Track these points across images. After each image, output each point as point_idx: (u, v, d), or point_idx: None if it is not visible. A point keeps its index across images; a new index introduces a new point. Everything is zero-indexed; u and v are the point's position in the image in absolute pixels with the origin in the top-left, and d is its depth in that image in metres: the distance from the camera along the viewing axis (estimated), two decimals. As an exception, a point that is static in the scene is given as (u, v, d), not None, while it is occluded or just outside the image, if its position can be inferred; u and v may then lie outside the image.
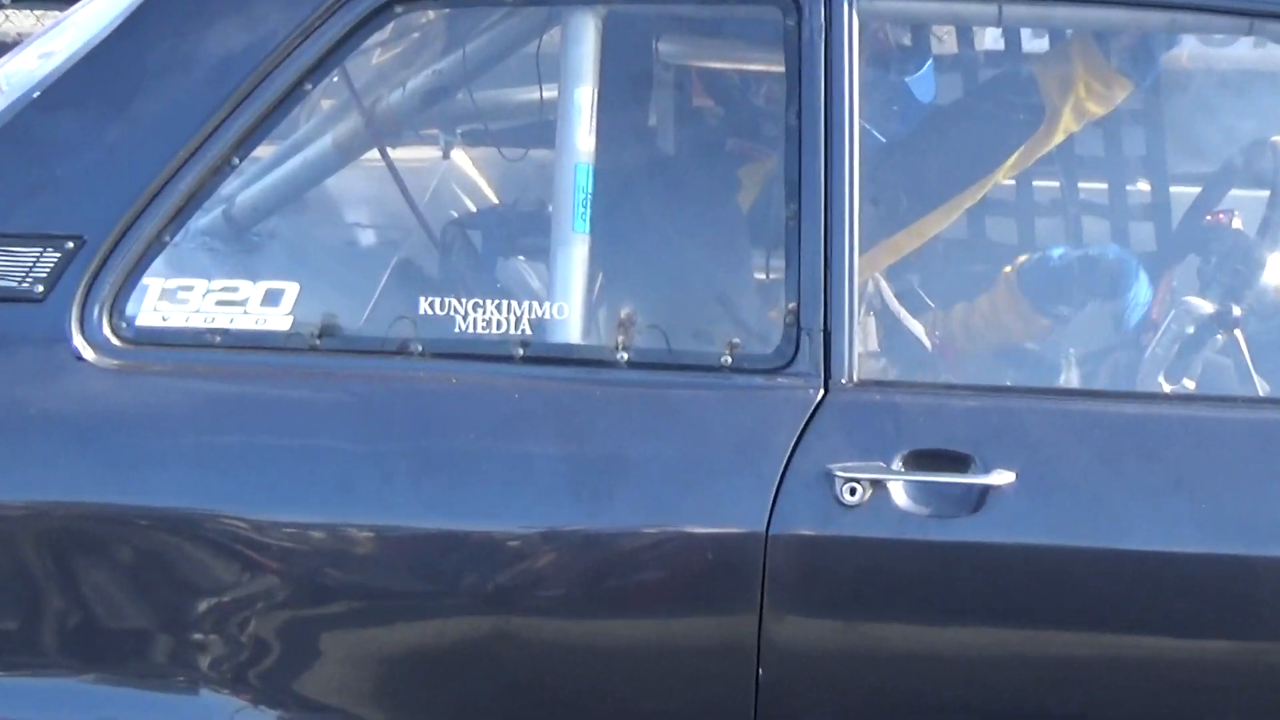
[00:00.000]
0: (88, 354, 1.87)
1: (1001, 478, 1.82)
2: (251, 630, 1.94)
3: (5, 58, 2.53)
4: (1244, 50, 2.46)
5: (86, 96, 2.06)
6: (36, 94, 2.06)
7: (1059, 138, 2.50)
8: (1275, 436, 2.02)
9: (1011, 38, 2.64)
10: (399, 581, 1.94)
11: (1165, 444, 2.01)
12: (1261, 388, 2.19)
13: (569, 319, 2.00)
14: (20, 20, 5.43)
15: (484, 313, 1.99)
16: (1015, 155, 2.44)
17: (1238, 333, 2.24)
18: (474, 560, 1.92)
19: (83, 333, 1.88)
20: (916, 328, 2.27)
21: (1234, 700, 1.99)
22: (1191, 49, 2.59)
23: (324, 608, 1.93)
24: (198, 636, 1.93)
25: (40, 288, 1.90)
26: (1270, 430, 2.04)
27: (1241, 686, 1.98)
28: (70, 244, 1.90)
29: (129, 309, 1.92)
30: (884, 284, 2.26)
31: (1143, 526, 1.92)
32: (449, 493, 1.94)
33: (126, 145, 1.99)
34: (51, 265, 1.92)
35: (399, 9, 2.02)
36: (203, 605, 1.90)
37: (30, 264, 1.93)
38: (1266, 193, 2.44)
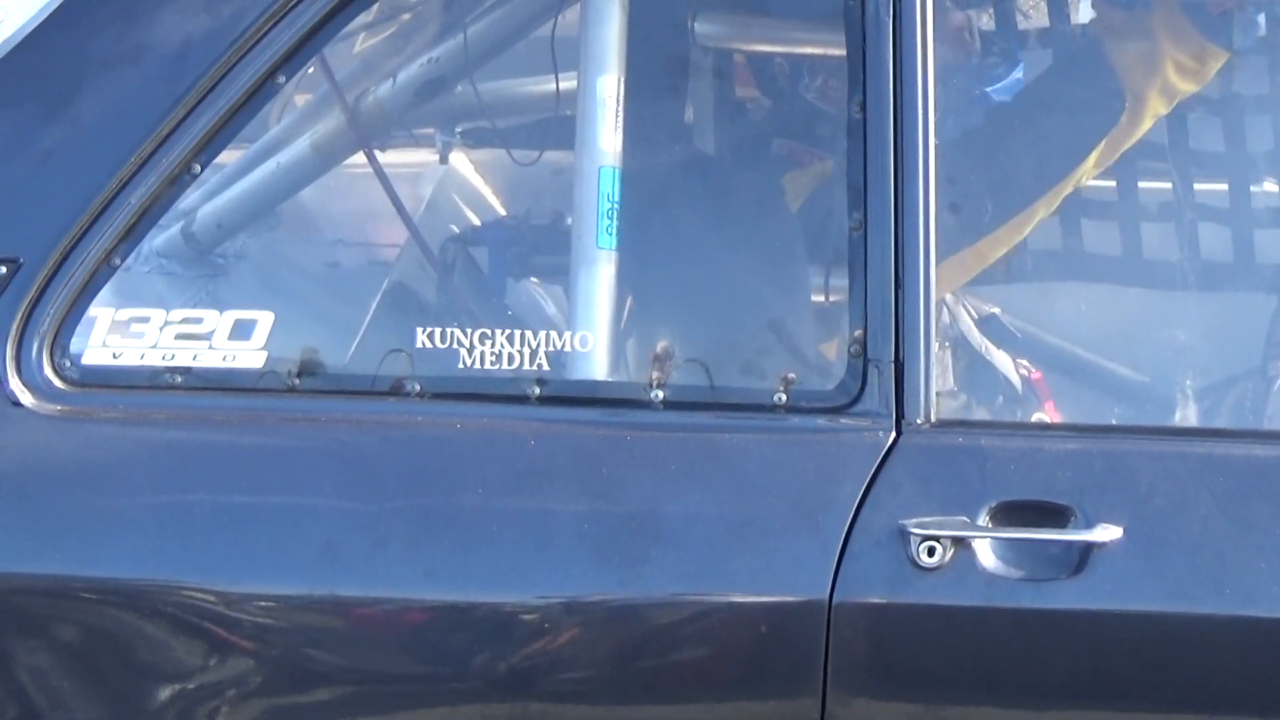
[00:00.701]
0: (25, 399, 1.70)
1: (1107, 533, 1.63)
2: (224, 713, 1.76)
3: None
4: None
5: (18, 95, 1.87)
6: None
7: (1147, 124, 2.27)
8: None
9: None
10: (395, 664, 1.76)
11: None
12: None
13: (593, 352, 1.81)
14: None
15: (493, 345, 1.79)
16: (1097, 151, 2.20)
17: None
18: (484, 638, 1.72)
19: (19, 374, 1.71)
20: (1004, 359, 2.09)
21: None
22: None
23: (307, 695, 1.74)
24: (131, 697, 1.78)
25: None
26: None
27: None
28: (3, 269, 1.74)
29: (74, 345, 1.74)
30: (965, 307, 2.10)
31: (1275, 589, 1.69)
32: (454, 559, 1.73)
33: (67, 152, 1.82)
34: None
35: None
36: (163, 693, 1.72)
37: None
38: None
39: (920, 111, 1.72)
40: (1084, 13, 2.27)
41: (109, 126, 1.81)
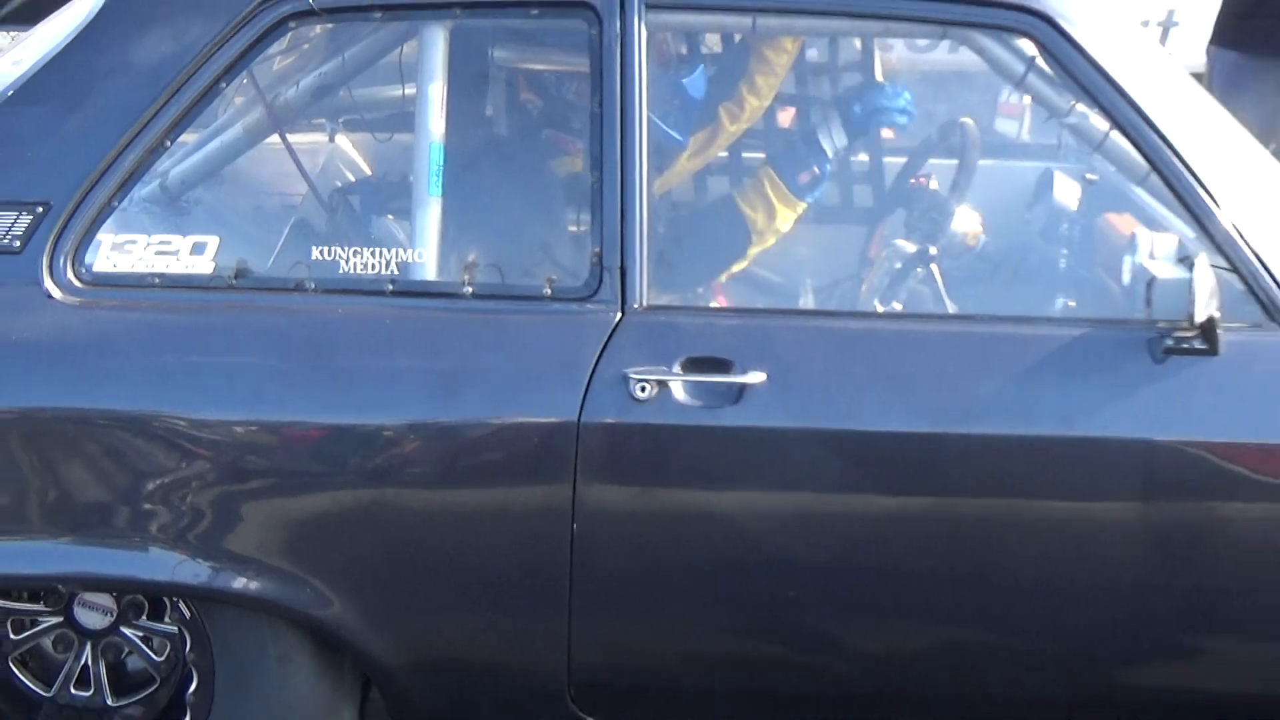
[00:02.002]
0: (55, 293, 2.25)
1: (755, 378, 2.24)
2: (188, 503, 2.29)
3: None
4: (941, 55, 2.86)
5: (50, 94, 2.42)
6: (10, 93, 2.43)
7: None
8: (960, 343, 2.46)
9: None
10: (299, 464, 2.35)
11: (880, 350, 2.44)
12: (951, 307, 2.64)
13: (427, 262, 2.40)
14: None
15: (361, 258, 2.38)
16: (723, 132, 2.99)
17: (934, 267, 2.68)
18: (356, 447, 2.31)
19: (51, 277, 2.26)
20: (694, 270, 2.74)
21: (927, 545, 2.41)
22: (900, 52, 3.01)
23: (242, 485, 2.30)
24: (147, 508, 2.28)
25: (18, 243, 2.26)
26: (957, 339, 2.48)
27: (930, 528, 2.40)
28: (40, 209, 2.27)
29: (87, 258, 2.29)
30: (669, 240, 2.72)
31: (863, 413, 2.34)
32: (336, 396, 2.33)
33: (82, 131, 2.35)
34: (26, 225, 2.28)
35: (292, 24, 2.39)
36: (150, 485, 2.28)
37: (9, 225, 2.29)
38: (955, 161, 2.90)
39: (635, 105, 2.32)
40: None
41: (110, 114, 2.34)
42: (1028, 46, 2.50)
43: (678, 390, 2.27)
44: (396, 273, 2.41)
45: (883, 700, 2.64)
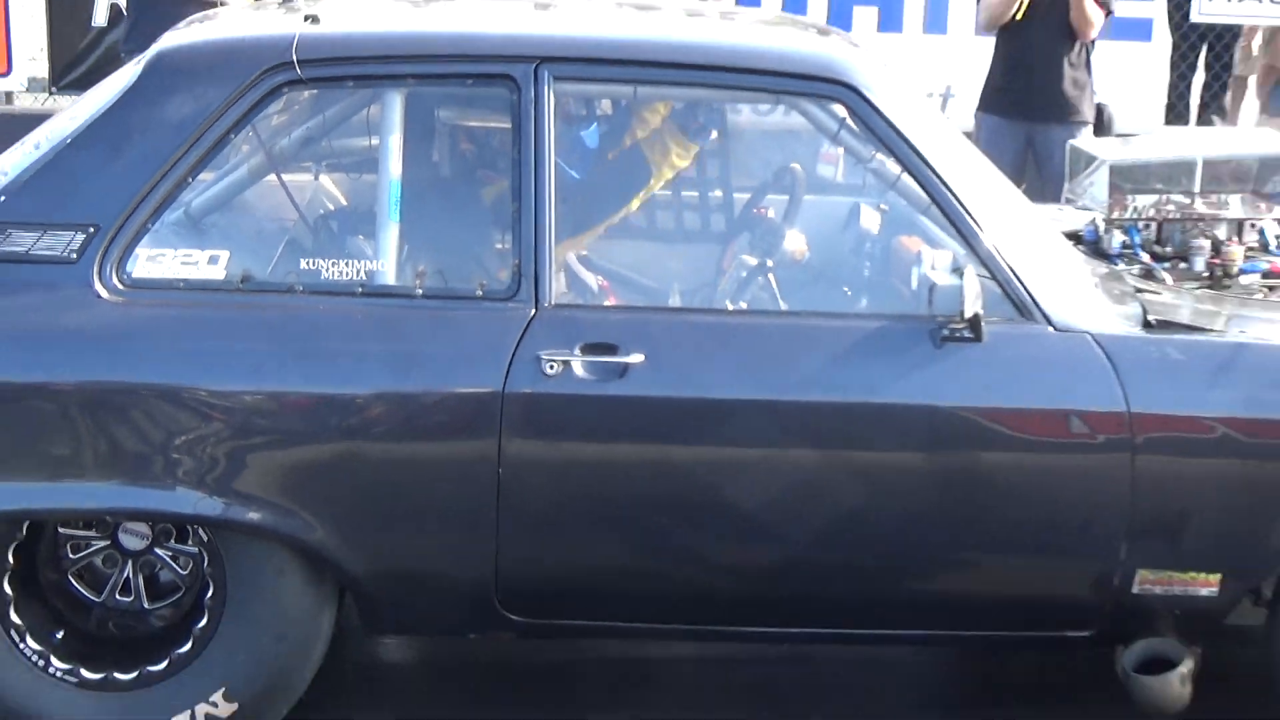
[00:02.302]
0: (103, 294, 2.54)
1: (636, 358, 2.54)
2: (207, 454, 2.56)
3: (49, 122, 3.08)
4: (778, 116, 3.12)
5: (99, 142, 2.71)
6: (69, 140, 2.72)
7: (669, 174, 3.27)
8: (791, 333, 2.79)
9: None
10: (291, 425, 2.62)
11: (731, 338, 2.75)
12: (783, 306, 2.90)
13: (388, 270, 2.69)
14: (63, 102, 6.11)
15: (338, 268, 2.69)
16: (644, 189, 3.24)
17: (770, 276, 2.94)
18: (334, 411, 2.60)
19: (100, 282, 2.54)
20: (591, 277, 2.98)
21: (766, 484, 2.66)
22: (746, 115, 3.36)
23: (248, 440, 2.57)
24: (175, 458, 2.53)
25: (74, 255, 2.53)
26: (788, 329, 2.81)
27: (768, 473, 2.68)
28: (91, 229, 2.55)
29: (127, 267, 2.57)
30: (571, 254, 2.94)
31: (718, 385, 2.65)
32: (319, 372, 2.62)
33: (124, 171, 2.63)
34: (80, 242, 2.55)
35: (285, 89, 2.68)
36: (177, 440, 2.55)
37: (67, 241, 2.55)
38: (787, 197, 3.19)
39: (545, 152, 2.60)
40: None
41: (145, 158, 2.61)
42: (840, 110, 2.77)
43: (578, 368, 2.56)
44: (365, 279, 2.70)
45: (737, 601, 2.89)
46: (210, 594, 2.75)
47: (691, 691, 3.37)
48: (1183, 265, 3.21)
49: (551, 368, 2.56)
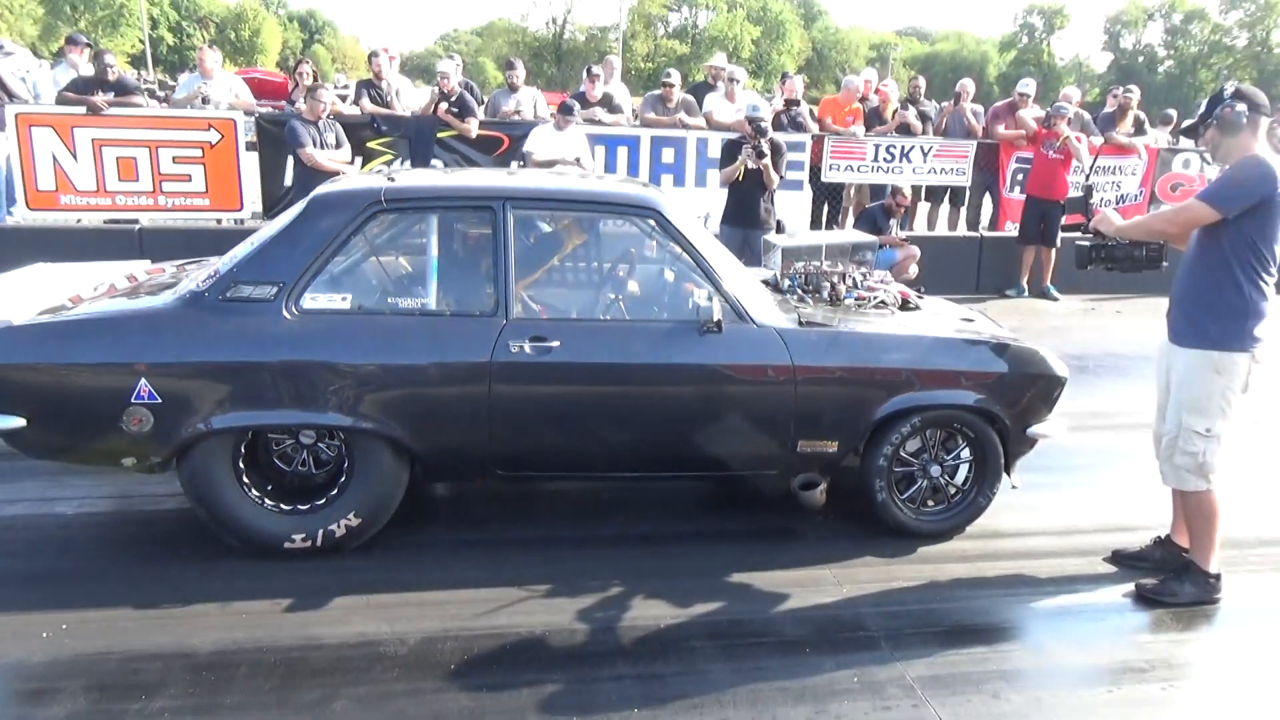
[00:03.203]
0: (288, 317, 3.20)
1: (556, 343, 3.23)
2: (342, 394, 3.19)
3: (260, 230, 3.59)
4: (622, 225, 3.75)
5: (284, 240, 3.34)
6: (270, 238, 3.34)
7: (571, 248, 3.89)
8: (633, 330, 3.42)
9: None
10: (386, 378, 3.21)
11: (602, 333, 3.41)
12: (628, 317, 3.58)
13: (432, 302, 3.35)
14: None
15: (406, 302, 3.37)
16: (558, 256, 3.83)
17: (621, 302, 3.69)
18: (408, 372, 3.25)
19: (285, 310, 3.20)
20: (532, 305, 3.50)
21: (620, 405, 3.36)
22: (607, 223, 3.86)
23: (364, 387, 3.20)
24: (326, 396, 3.18)
25: (272, 296, 3.20)
26: (635, 328, 3.45)
27: (621, 398, 3.36)
28: (281, 284, 3.23)
29: (301, 303, 3.23)
30: (523, 292, 3.45)
31: (597, 355, 3.35)
32: (399, 352, 3.24)
33: (295, 257, 3.28)
34: (275, 290, 3.20)
35: (378, 215, 3.34)
36: (328, 388, 3.18)
37: (271, 289, 3.20)
38: (627, 265, 3.91)
39: (510, 242, 3.29)
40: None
41: (305, 251, 3.26)
42: (652, 222, 3.49)
43: (527, 349, 3.26)
44: (420, 307, 3.36)
45: (611, 460, 3.52)
46: (346, 464, 3.35)
47: (593, 505, 3.97)
48: (818, 296, 3.94)
49: (515, 349, 3.26)
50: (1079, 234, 3.60)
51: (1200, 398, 3.20)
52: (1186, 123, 3.34)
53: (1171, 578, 3.36)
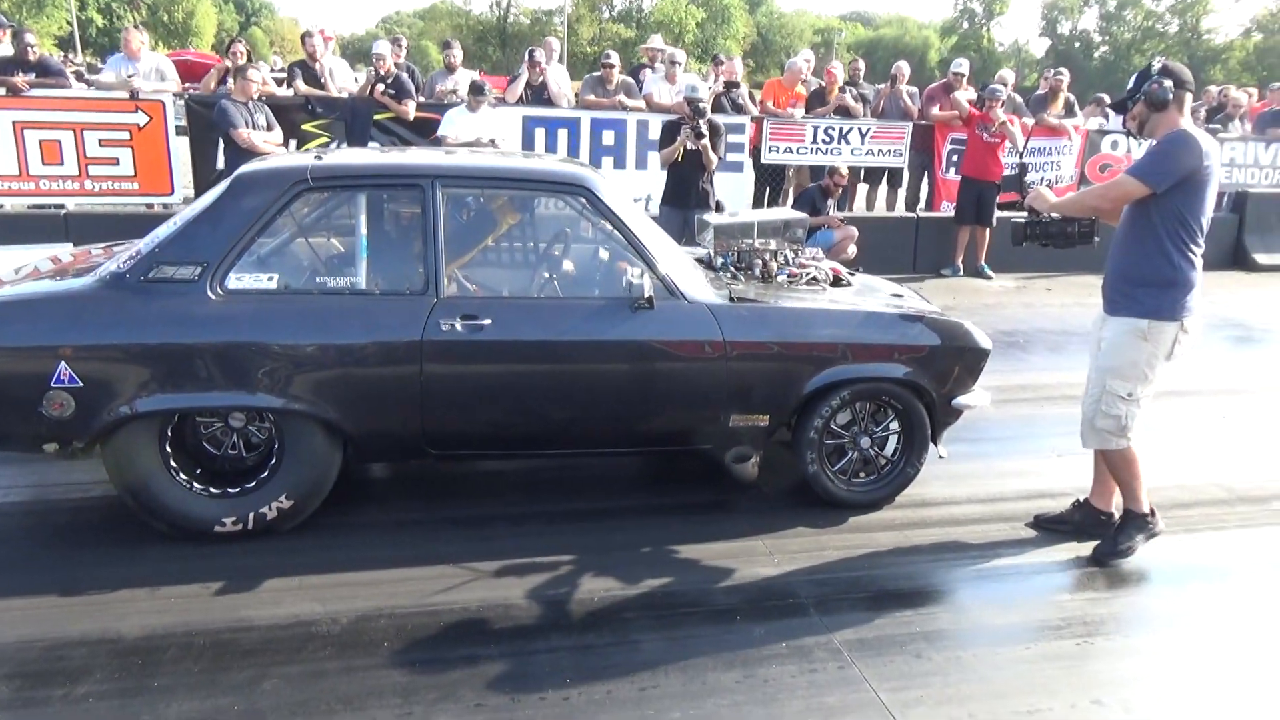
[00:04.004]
0: (212, 298, 3.14)
1: (486, 321, 3.24)
2: (272, 375, 3.14)
3: (183, 210, 3.51)
4: (555, 203, 3.77)
5: (207, 220, 3.27)
6: (192, 218, 3.28)
7: (504, 228, 3.86)
8: (568, 307, 3.43)
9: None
10: (316, 358, 3.18)
11: (535, 310, 3.43)
12: (561, 295, 3.56)
13: (362, 280, 3.30)
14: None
15: (336, 281, 3.32)
16: (491, 235, 3.78)
17: (555, 281, 3.63)
18: (340, 351, 3.20)
19: (209, 291, 3.14)
20: (464, 282, 3.48)
21: (553, 381, 3.35)
22: (541, 202, 3.91)
23: (294, 367, 3.15)
24: (256, 377, 3.13)
25: (197, 276, 3.13)
26: (567, 305, 3.45)
27: (554, 376, 3.35)
28: (205, 264, 3.17)
29: (225, 284, 3.16)
30: (454, 270, 3.41)
31: (529, 332, 3.33)
32: (329, 332, 3.19)
33: (217, 239, 3.21)
34: (199, 271, 3.14)
35: (304, 193, 3.27)
36: (255, 370, 3.14)
37: (194, 270, 3.14)
38: (561, 245, 3.89)
39: (440, 219, 3.25)
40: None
41: (229, 231, 3.17)
42: (583, 200, 3.48)
43: (458, 327, 3.24)
44: (350, 285, 3.33)
45: (544, 437, 3.53)
46: (277, 446, 3.32)
47: (529, 483, 3.97)
48: (750, 273, 4.00)
49: (445, 327, 3.24)
50: (1014, 212, 3.63)
51: (1125, 364, 3.29)
52: (1116, 99, 3.40)
53: (1112, 534, 3.48)
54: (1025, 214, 3.59)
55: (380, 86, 8.02)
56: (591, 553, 3.38)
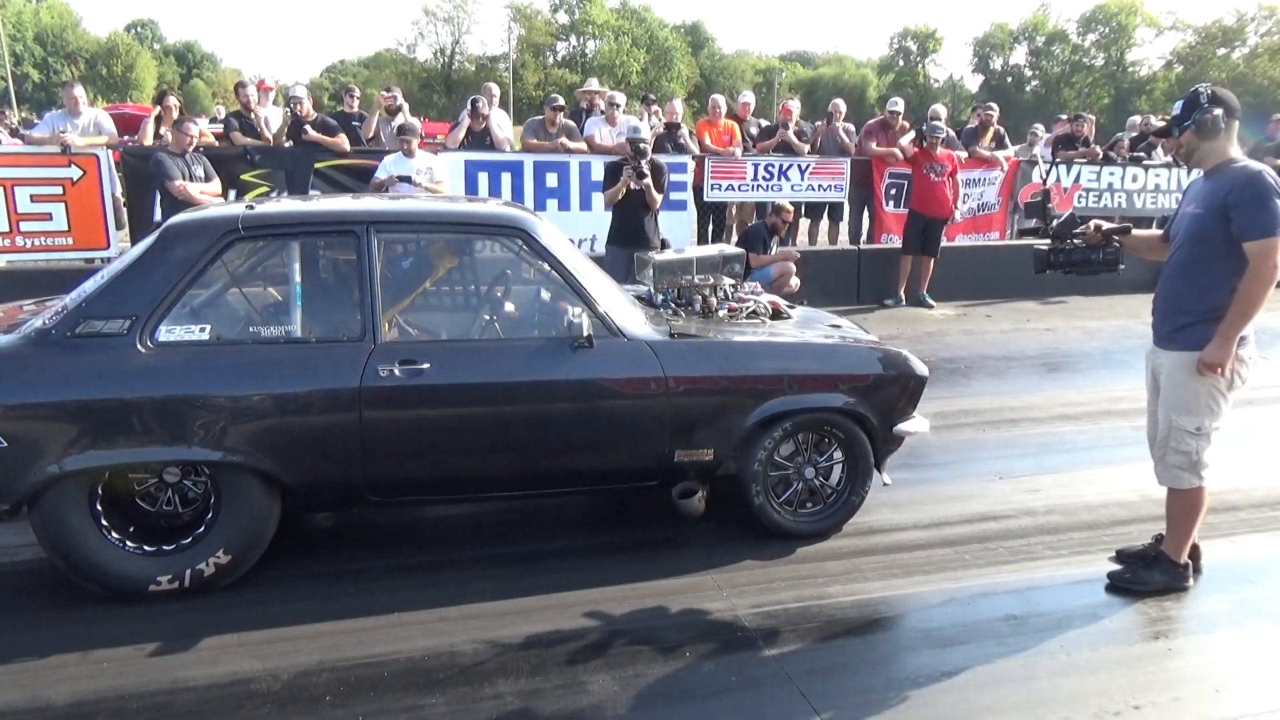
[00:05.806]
0: (141, 351, 3.09)
1: (425, 365, 3.19)
2: (207, 428, 3.08)
3: (113, 262, 3.47)
4: (493, 247, 3.77)
5: (137, 272, 3.21)
6: (120, 270, 3.21)
7: (443, 272, 3.82)
8: (504, 349, 3.42)
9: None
10: (252, 409, 3.12)
11: (478, 353, 3.40)
12: (502, 336, 3.58)
13: (297, 329, 3.27)
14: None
15: (270, 330, 3.27)
16: (429, 280, 3.75)
17: (496, 324, 3.67)
18: (275, 401, 3.13)
19: (139, 344, 3.09)
20: (412, 332, 3.52)
21: (495, 423, 3.31)
22: (479, 245, 3.86)
23: (228, 419, 3.10)
24: (190, 431, 3.06)
25: (125, 330, 3.09)
26: (509, 347, 3.46)
27: (495, 416, 3.31)
28: (134, 317, 3.11)
29: (156, 336, 3.12)
30: (393, 315, 3.42)
31: (468, 375, 3.29)
32: (262, 383, 3.15)
33: (146, 291, 3.15)
34: (128, 324, 3.10)
35: (236, 243, 3.24)
36: (190, 422, 3.08)
37: (122, 324, 3.09)
38: (502, 287, 3.86)
39: (375, 267, 3.24)
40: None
41: (159, 283, 3.13)
42: (519, 242, 3.48)
43: (397, 372, 3.22)
44: (285, 335, 3.29)
45: (487, 480, 3.49)
46: (214, 500, 3.24)
47: (474, 527, 3.92)
48: (690, 309, 4.03)
49: (384, 373, 3.21)
50: (1035, 239, 3.62)
51: (1189, 398, 3.21)
52: (1157, 125, 3.27)
53: (1142, 567, 3.44)
54: (1048, 242, 3.51)
55: (307, 127, 7.96)
56: (538, 595, 3.34)
